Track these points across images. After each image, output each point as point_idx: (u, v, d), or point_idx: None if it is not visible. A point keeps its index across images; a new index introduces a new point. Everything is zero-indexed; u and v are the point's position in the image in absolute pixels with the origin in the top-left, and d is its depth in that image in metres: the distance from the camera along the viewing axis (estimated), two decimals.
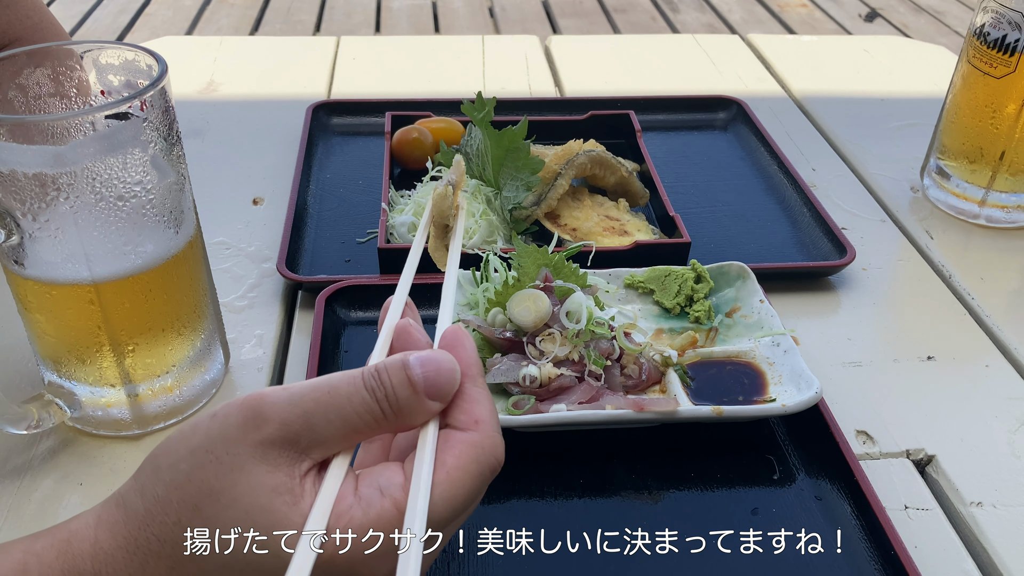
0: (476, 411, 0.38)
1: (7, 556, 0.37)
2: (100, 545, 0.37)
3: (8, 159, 0.47)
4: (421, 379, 0.37)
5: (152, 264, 0.54)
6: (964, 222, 0.86)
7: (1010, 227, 0.86)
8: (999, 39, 0.77)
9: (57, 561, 0.37)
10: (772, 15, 3.32)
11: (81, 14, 3.13)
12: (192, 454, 0.36)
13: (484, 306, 0.63)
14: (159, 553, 0.36)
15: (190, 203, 0.57)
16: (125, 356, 0.56)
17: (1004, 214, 0.85)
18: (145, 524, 0.37)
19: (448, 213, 0.46)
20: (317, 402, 0.36)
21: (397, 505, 0.36)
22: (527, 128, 0.79)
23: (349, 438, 0.37)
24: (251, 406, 0.36)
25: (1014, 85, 0.78)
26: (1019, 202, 0.84)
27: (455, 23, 3.17)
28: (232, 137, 1.00)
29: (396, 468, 0.37)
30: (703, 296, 0.68)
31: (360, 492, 0.36)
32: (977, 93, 0.81)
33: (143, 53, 0.53)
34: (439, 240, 0.47)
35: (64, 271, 0.51)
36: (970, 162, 0.84)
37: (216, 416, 0.37)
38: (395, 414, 0.37)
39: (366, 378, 0.37)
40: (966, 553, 0.54)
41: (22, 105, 0.54)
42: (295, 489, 0.36)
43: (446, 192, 0.46)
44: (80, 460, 0.58)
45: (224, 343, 0.65)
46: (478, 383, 0.39)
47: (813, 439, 0.59)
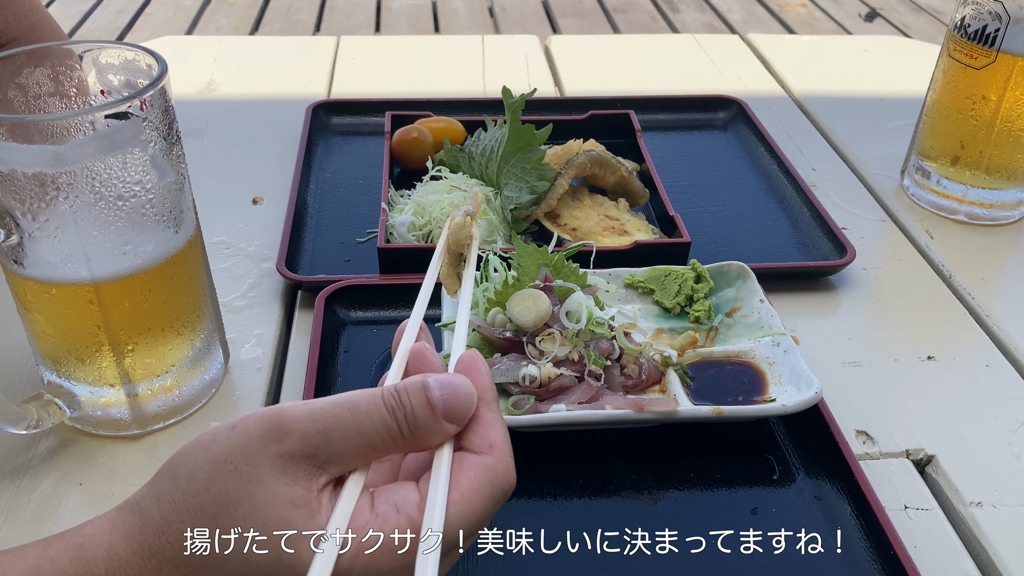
0: (491, 435, 0.39)
1: (20, 561, 0.37)
2: (115, 551, 0.37)
3: (8, 159, 0.47)
4: (440, 401, 0.38)
5: (152, 264, 0.54)
6: (963, 222, 0.86)
7: (1005, 223, 0.86)
8: (979, 30, 0.79)
9: (71, 567, 0.37)
10: (772, 15, 3.32)
11: (81, 14, 3.13)
12: (211, 464, 0.37)
13: (484, 306, 0.63)
14: (174, 561, 0.37)
15: (190, 203, 0.57)
16: (124, 356, 0.56)
17: (984, 211, 0.86)
18: (161, 531, 0.37)
19: (463, 243, 0.47)
20: (337, 418, 0.37)
21: (412, 523, 0.36)
22: (549, 134, 0.79)
23: (367, 455, 0.38)
24: (272, 419, 0.37)
25: (994, 74, 0.80)
26: (999, 199, 0.85)
27: (455, 23, 3.17)
28: (232, 137, 1.00)
29: (411, 487, 0.38)
30: (703, 296, 0.68)
31: (376, 508, 0.37)
32: (958, 85, 0.83)
33: (143, 53, 0.53)
34: (452, 268, 0.48)
35: (64, 271, 0.51)
36: (950, 158, 0.86)
37: (236, 427, 0.37)
38: (412, 434, 0.37)
39: (386, 397, 0.37)
40: (966, 553, 0.54)
41: (22, 105, 0.54)
42: (312, 503, 0.36)
43: (464, 222, 0.47)
44: (79, 460, 0.58)
45: (224, 343, 0.65)
46: (493, 408, 0.40)
47: (813, 439, 0.59)
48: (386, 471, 0.42)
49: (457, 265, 0.48)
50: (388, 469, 0.42)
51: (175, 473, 0.38)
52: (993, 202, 0.85)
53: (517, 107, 0.78)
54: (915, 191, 0.90)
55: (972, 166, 0.84)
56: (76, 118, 0.49)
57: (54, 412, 0.56)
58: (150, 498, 0.38)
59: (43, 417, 0.55)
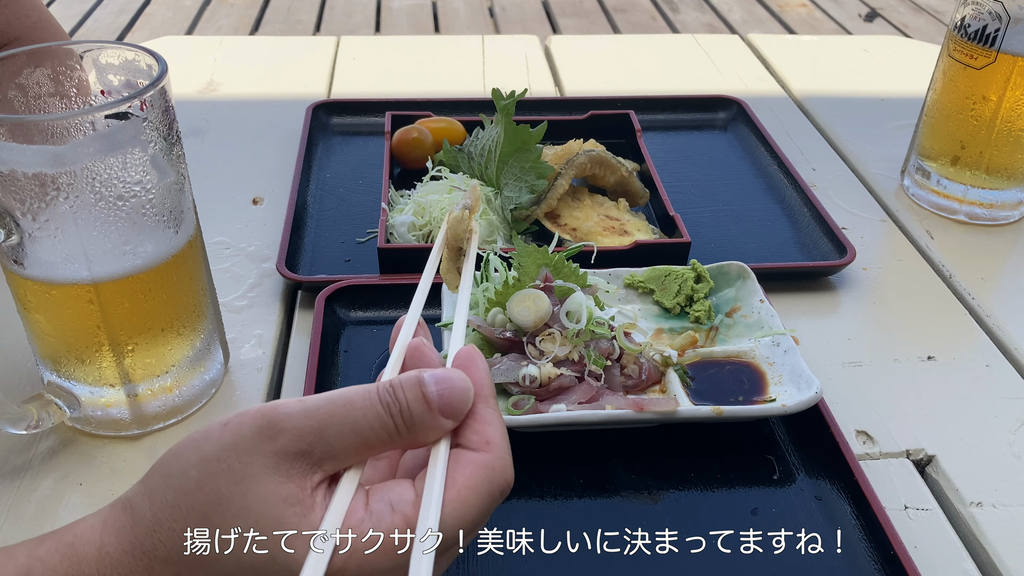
0: (488, 432, 0.38)
1: (11, 560, 0.37)
2: (106, 550, 0.37)
3: (8, 159, 0.47)
4: (436, 396, 0.37)
5: (152, 264, 0.54)
6: (963, 223, 0.86)
7: (1005, 223, 0.86)
8: (979, 30, 0.79)
9: (61, 565, 0.37)
10: (772, 15, 3.32)
11: (81, 14, 3.13)
12: (203, 462, 0.36)
13: (484, 306, 0.63)
14: (165, 559, 0.36)
15: (190, 203, 0.57)
16: (125, 356, 0.56)
17: (984, 211, 0.86)
18: (152, 530, 0.37)
19: (463, 237, 0.47)
20: (332, 415, 0.36)
21: (408, 521, 0.36)
22: (544, 132, 0.79)
23: (362, 452, 0.37)
24: (265, 416, 0.36)
25: (994, 74, 0.80)
26: (999, 199, 0.85)
27: (455, 23, 3.17)
28: (232, 137, 1.00)
29: (407, 484, 0.37)
30: (703, 296, 0.68)
31: (371, 507, 0.36)
32: (959, 85, 0.83)
33: (143, 53, 0.53)
34: (451, 263, 0.47)
35: (64, 271, 0.51)
36: (951, 158, 0.86)
37: (229, 425, 0.37)
38: (408, 430, 0.37)
39: (381, 393, 0.37)
40: (966, 553, 0.54)
41: (22, 105, 0.53)
42: (306, 501, 0.36)
43: (462, 216, 0.46)
44: (80, 460, 0.58)
45: (224, 343, 0.65)
46: (490, 404, 0.39)
47: (813, 439, 0.59)
48: (383, 468, 0.42)
49: (456, 259, 0.47)
50: (386, 467, 0.42)
51: (167, 471, 0.37)
52: (993, 202, 0.85)
53: (509, 108, 0.78)
54: (915, 191, 0.90)
55: (972, 166, 0.84)
56: (76, 118, 0.49)
57: (54, 412, 0.56)
58: (142, 496, 0.38)
59: (43, 417, 0.55)
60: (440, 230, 0.47)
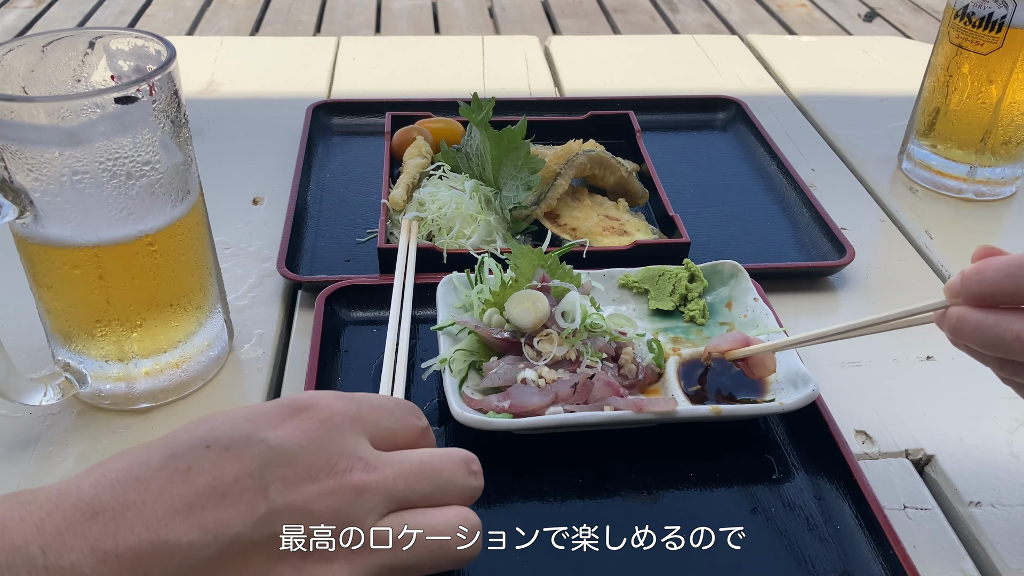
0: None
1: None
2: None
3: (23, 137, 0.48)
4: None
5: (158, 227, 0.55)
6: (963, 222, 0.86)
7: (1004, 199, 0.90)
8: (985, 17, 0.80)
9: None
10: (771, 15, 3.32)
11: (82, 15, 3.13)
12: None
13: (479, 308, 0.63)
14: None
15: (196, 181, 0.58)
16: (133, 331, 0.58)
17: (989, 189, 0.89)
18: None
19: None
20: None
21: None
22: (526, 128, 0.79)
23: None
24: None
25: (1001, 60, 0.81)
26: (1004, 175, 0.88)
27: (455, 23, 3.17)
28: (232, 137, 1.00)
29: None
30: (697, 295, 0.68)
31: None
32: (963, 71, 0.84)
33: (152, 39, 0.55)
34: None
35: (73, 244, 0.53)
36: (956, 141, 0.88)
37: None
38: None
39: None
40: (965, 553, 0.54)
41: (35, 90, 0.55)
42: None
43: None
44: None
45: (228, 321, 0.67)
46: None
47: (812, 439, 0.59)
48: None
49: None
50: None
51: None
52: (994, 178, 0.89)
53: (484, 120, 0.78)
54: (917, 172, 0.93)
55: (979, 146, 0.87)
56: (87, 100, 0.50)
57: (65, 386, 0.58)
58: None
59: (54, 391, 0.57)
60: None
